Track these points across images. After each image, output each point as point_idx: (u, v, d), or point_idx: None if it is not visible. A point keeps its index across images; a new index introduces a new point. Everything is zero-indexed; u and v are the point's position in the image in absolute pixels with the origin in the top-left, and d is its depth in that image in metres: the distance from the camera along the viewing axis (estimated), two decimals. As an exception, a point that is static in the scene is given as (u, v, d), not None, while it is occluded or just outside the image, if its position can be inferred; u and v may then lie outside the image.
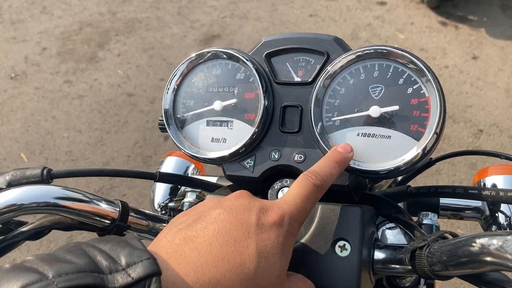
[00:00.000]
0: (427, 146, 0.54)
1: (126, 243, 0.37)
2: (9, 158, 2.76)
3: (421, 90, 0.56)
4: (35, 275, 0.32)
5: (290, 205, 0.46)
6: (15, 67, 3.43)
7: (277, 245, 0.43)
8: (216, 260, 0.39)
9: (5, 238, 0.59)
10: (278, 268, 0.43)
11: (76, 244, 0.37)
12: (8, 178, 0.59)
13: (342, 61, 0.59)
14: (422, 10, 3.80)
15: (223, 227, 0.42)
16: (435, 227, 0.69)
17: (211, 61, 0.67)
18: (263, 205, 0.45)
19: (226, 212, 0.44)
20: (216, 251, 0.40)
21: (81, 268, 0.33)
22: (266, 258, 0.41)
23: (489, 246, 0.41)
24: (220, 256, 0.39)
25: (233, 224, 0.42)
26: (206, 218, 0.43)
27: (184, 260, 0.38)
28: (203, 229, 0.42)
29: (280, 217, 0.44)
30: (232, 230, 0.42)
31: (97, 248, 0.36)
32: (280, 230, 0.44)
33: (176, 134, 0.67)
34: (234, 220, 0.43)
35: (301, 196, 0.47)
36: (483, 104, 2.96)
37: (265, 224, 0.43)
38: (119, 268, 0.35)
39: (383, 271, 0.55)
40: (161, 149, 2.76)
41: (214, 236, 0.41)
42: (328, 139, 0.59)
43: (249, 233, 0.42)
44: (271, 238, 0.43)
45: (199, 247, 0.40)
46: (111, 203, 0.60)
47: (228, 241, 0.41)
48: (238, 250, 0.40)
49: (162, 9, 4.00)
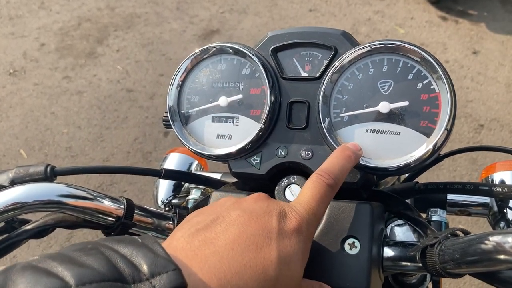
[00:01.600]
0: (438, 143, 0.53)
1: (148, 248, 0.35)
2: (8, 155, 2.75)
3: (431, 85, 0.55)
4: (57, 281, 0.30)
5: (307, 210, 0.45)
6: (14, 63, 3.41)
7: (297, 251, 0.42)
8: (239, 266, 0.38)
9: (9, 237, 0.58)
10: (298, 274, 0.42)
11: (94, 245, 0.35)
12: (11, 175, 0.58)
13: (350, 56, 0.58)
14: (422, 4, 3.78)
15: (245, 231, 0.40)
16: (445, 224, 0.69)
17: (216, 56, 0.66)
18: (282, 209, 0.44)
19: (246, 214, 0.42)
20: (238, 257, 0.38)
21: (104, 276, 0.31)
22: (287, 265, 0.41)
23: (504, 244, 0.41)
24: (243, 262, 0.38)
25: (254, 229, 0.41)
26: (225, 220, 0.42)
27: (206, 265, 0.37)
28: (223, 231, 0.40)
29: (300, 223, 0.43)
30: (254, 235, 0.40)
31: (116, 252, 0.34)
32: (300, 236, 0.43)
33: (181, 131, 0.66)
34: (255, 224, 0.41)
35: (316, 199, 0.46)
36: (484, 99, 2.96)
37: (286, 230, 0.42)
38: (143, 278, 0.33)
39: (393, 268, 0.54)
40: (161, 145, 2.75)
41: (235, 240, 0.39)
42: (336, 136, 0.58)
43: (270, 238, 0.41)
44: (292, 244, 0.42)
45: (220, 251, 0.38)
46: (116, 200, 0.59)
47: (250, 246, 0.39)
48: (261, 256, 0.39)
49: (161, 4, 3.97)
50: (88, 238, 2.29)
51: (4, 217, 0.54)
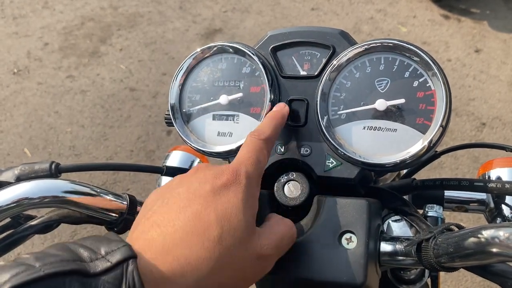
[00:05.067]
0: (433, 139, 0.54)
1: (104, 238, 0.41)
2: (12, 153, 2.77)
3: (427, 83, 0.56)
4: (23, 266, 0.36)
5: (242, 160, 0.50)
6: (18, 62, 3.43)
7: (237, 202, 0.45)
8: (181, 237, 0.42)
9: (15, 232, 0.60)
10: (243, 223, 0.45)
11: (61, 243, 0.41)
12: (17, 172, 0.60)
13: (348, 54, 0.59)
14: (424, 3, 3.78)
15: (184, 205, 0.44)
16: (441, 220, 0.70)
17: (217, 55, 0.67)
18: (217, 171, 0.48)
19: (185, 190, 0.46)
20: (179, 230, 0.42)
21: (64, 258, 0.37)
22: (228, 220, 0.44)
23: (496, 237, 0.42)
24: (184, 233, 0.42)
25: (191, 200, 0.45)
26: (169, 200, 0.46)
27: (153, 245, 0.42)
28: (167, 211, 0.45)
29: (235, 175, 0.47)
30: (192, 206, 0.44)
31: (78, 244, 0.40)
32: (238, 187, 0.47)
33: (183, 128, 0.67)
34: (193, 195, 0.45)
35: (250, 151, 0.51)
36: (486, 97, 2.96)
37: (221, 187, 0.46)
38: (99, 257, 0.38)
39: (390, 263, 0.55)
40: (164, 143, 2.77)
41: (176, 216, 0.44)
42: (334, 133, 0.59)
43: (207, 202, 0.44)
44: (230, 198, 0.45)
45: (164, 230, 0.43)
46: (119, 196, 0.61)
47: (190, 217, 0.43)
48: (200, 222, 0.43)
49: (164, 4, 3.98)
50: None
51: (10, 213, 0.55)
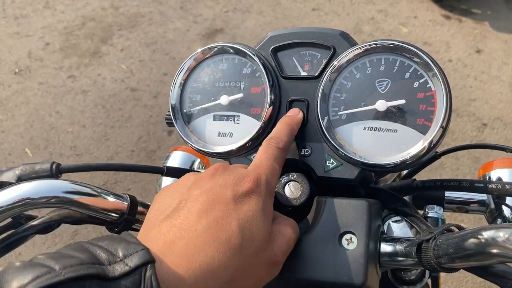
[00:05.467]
0: (433, 140, 0.54)
1: (121, 239, 0.41)
2: (13, 153, 2.78)
3: (428, 84, 0.56)
4: (43, 268, 0.35)
5: (262, 168, 0.50)
6: (19, 62, 3.43)
7: (257, 211, 0.46)
8: (202, 244, 0.42)
9: (16, 232, 0.60)
10: (262, 233, 0.46)
11: (77, 243, 0.41)
12: (18, 172, 0.60)
13: (348, 55, 0.59)
14: (425, 3, 3.78)
15: (204, 210, 0.44)
16: (441, 220, 0.70)
17: (217, 56, 0.67)
18: (237, 176, 0.48)
19: (204, 193, 0.46)
20: (201, 236, 0.42)
21: (83, 261, 0.37)
22: (249, 229, 0.44)
23: (496, 238, 0.42)
24: (206, 240, 0.42)
25: (212, 205, 0.45)
26: (187, 203, 0.46)
27: (174, 250, 0.41)
28: (186, 215, 0.44)
29: (256, 182, 0.48)
30: (213, 211, 0.44)
31: (96, 245, 0.40)
32: (258, 195, 0.47)
33: (183, 129, 0.67)
34: (213, 200, 0.45)
35: (270, 159, 0.52)
36: (487, 98, 2.95)
37: (243, 194, 0.46)
38: (117, 260, 0.38)
39: (390, 263, 0.55)
40: (165, 143, 2.77)
41: (197, 220, 0.44)
42: (335, 133, 0.59)
43: (229, 210, 0.45)
44: (251, 207, 0.46)
45: (185, 235, 0.43)
46: (119, 197, 0.61)
47: (211, 224, 0.43)
48: (222, 230, 0.43)
49: (165, 4, 3.99)
50: (92, 235, 2.31)
51: (11, 213, 0.56)
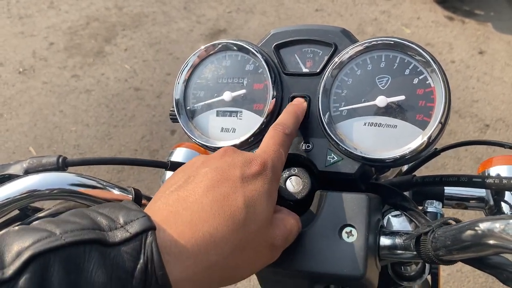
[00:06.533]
0: (432, 135, 0.55)
1: (123, 206, 0.42)
2: (18, 152, 2.80)
3: (427, 80, 0.57)
4: (44, 232, 0.36)
5: (270, 153, 0.51)
6: (23, 62, 3.46)
7: (263, 193, 0.47)
8: (207, 216, 0.43)
9: (23, 224, 0.61)
10: (265, 213, 0.47)
11: (78, 210, 0.41)
12: (25, 165, 0.61)
13: (349, 52, 0.60)
14: (428, 4, 3.78)
15: (212, 185, 0.46)
16: (440, 215, 0.71)
17: (221, 52, 0.68)
18: (246, 159, 0.49)
19: (212, 170, 0.47)
20: (207, 208, 0.43)
21: (84, 226, 0.37)
22: (253, 207, 0.46)
23: (492, 229, 0.43)
24: (211, 212, 0.43)
25: (220, 182, 0.46)
26: (195, 178, 0.47)
27: (179, 219, 0.42)
28: (193, 188, 0.46)
29: (263, 166, 0.49)
30: (220, 187, 0.45)
31: (97, 212, 0.41)
32: (265, 178, 0.48)
33: (187, 124, 0.68)
34: (221, 177, 0.46)
35: (276, 144, 0.53)
36: (490, 99, 2.96)
37: (250, 176, 0.48)
38: (118, 226, 0.39)
39: (389, 257, 0.56)
40: (167, 143, 2.78)
41: (204, 194, 0.45)
42: (336, 129, 0.60)
43: (236, 187, 0.46)
44: (257, 188, 0.47)
45: (191, 206, 0.44)
46: (124, 190, 0.62)
47: (218, 197, 0.44)
48: (228, 204, 0.44)
49: (168, 4, 4.01)
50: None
51: (18, 205, 0.57)
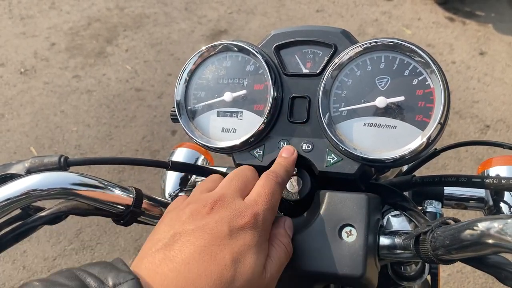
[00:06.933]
0: (432, 136, 0.55)
1: (113, 267, 0.41)
2: (19, 152, 2.80)
3: (426, 81, 0.57)
4: None
5: (261, 204, 0.50)
6: (25, 62, 3.46)
7: (252, 246, 0.46)
8: (194, 277, 0.42)
9: (25, 223, 0.62)
10: (256, 267, 0.46)
11: (69, 270, 0.41)
12: (27, 165, 0.61)
13: (349, 53, 0.61)
14: (429, 5, 3.79)
15: (199, 245, 0.45)
16: (439, 215, 0.71)
17: (221, 53, 0.69)
18: (234, 212, 0.48)
19: (199, 229, 0.46)
20: (194, 269, 0.43)
21: None
22: (242, 263, 0.45)
23: (490, 229, 0.43)
24: (198, 273, 0.42)
25: (207, 240, 0.45)
26: (182, 236, 0.46)
27: (165, 281, 0.41)
28: (180, 248, 0.44)
29: (254, 218, 0.48)
30: (207, 246, 0.45)
31: (86, 272, 0.40)
32: (255, 230, 0.47)
33: (188, 124, 0.68)
34: (208, 236, 0.45)
35: (268, 194, 0.52)
36: (490, 99, 2.96)
37: (239, 230, 0.47)
38: None
39: (389, 256, 0.56)
40: (168, 143, 2.79)
41: (191, 255, 0.44)
42: (336, 129, 0.60)
43: (223, 244, 0.45)
44: (246, 241, 0.46)
45: (177, 267, 0.43)
46: (125, 189, 0.62)
47: (204, 258, 0.44)
48: (215, 263, 0.43)
49: (170, 5, 4.01)
50: (96, 234, 2.33)
51: (19, 204, 0.57)
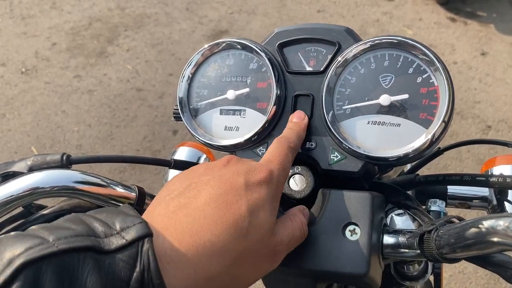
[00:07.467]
0: (436, 134, 0.55)
1: (120, 212, 0.41)
2: (20, 152, 2.80)
3: (430, 79, 0.57)
4: (37, 239, 0.35)
5: (275, 163, 0.51)
6: (26, 62, 3.46)
7: (266, 201, 0.46)
8: (210, 223, 0.42)
9: (27, 221, 0.61)
10: (268, 221, 0.46)
11: (74, 215, 0.40)
12: (30, 163, 0.61)
13: (353, 51, 0.61)
14: (430, 6, 3.78)
15: (214, 193, 0.44)
16: (443, 214, 0.71)
17: (224, 51, 0.69)
18: (250, 167, 0.49)
19: (215, 178, 0.46)
20: (210, 216, 0.42)
21: (79, 232, 0.36)
22: (256, 216, 0.45)
23: (496, 227, 0.43)
24: (213, 219, 0.42)
25: (223, 189, 0.45)
26: (197, 186, 0.46)
27: (179, 226, 0.41)
28: (195, 196, 0.44)
29: (269, 175, 0.48)
30: (223, 195, 0.44)
31: (93, 217, 0.39)
32: (269, 187, 0.48)
33: (190, 122, 0.68)
34: (224, 185, 0.45)
35: (282, 155, 0.53)
36: (492, 100, 2.96)
37: (254, 184, 0.47)
38: (114, 232, 0.38)
39: (392, 255, 0.56)
40: (169, 143, 2.78)
41: (206, 202, 0.44)
42: (339, 127, 0.60)
43: (239, 195, 0.45)
44: (261, 196, 0.46)
45: (193, 213, 0.42)
46: (128, 188, 0.62)
47: (220, 205, 0.43)
48: (230, 212, 0.43)
49: (171, 5, 4.01)
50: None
51: (22, 202, 0.57)
